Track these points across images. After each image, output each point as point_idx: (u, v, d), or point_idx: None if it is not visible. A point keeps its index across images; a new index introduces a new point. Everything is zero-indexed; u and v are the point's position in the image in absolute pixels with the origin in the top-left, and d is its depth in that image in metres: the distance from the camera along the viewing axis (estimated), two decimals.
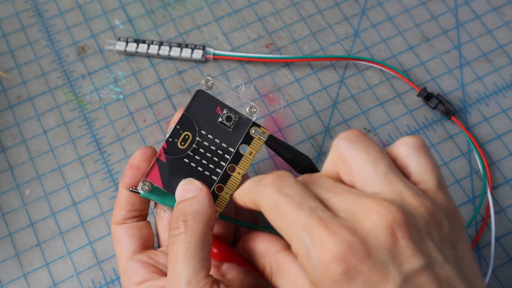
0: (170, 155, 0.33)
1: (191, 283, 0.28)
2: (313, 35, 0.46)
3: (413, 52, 0.46)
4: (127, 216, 0.34)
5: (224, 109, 0.34)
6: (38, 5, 0.47)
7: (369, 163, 0.27)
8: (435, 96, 0.43)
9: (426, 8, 0.47)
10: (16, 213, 0.40)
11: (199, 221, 0.30)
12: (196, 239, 0.29)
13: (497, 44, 0.46)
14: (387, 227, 0.24)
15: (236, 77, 0.45)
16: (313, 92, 0.44)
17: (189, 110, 0.34)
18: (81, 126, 0.43)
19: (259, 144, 0.34)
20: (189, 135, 0.33)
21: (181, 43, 0.45)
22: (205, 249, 0.29)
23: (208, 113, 0.34)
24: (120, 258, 0.34)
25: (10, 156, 0.42)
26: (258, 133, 0.34)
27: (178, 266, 0.29)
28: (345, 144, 0.28)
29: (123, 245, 0.34)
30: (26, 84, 0.44)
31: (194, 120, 0.34)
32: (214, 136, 0.33)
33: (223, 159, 0.33)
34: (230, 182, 0.33)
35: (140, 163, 0.34)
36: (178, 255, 0.29)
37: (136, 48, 0.45)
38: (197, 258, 0.29)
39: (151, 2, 0.47)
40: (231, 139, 0.34)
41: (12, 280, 0.38)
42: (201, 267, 0.29)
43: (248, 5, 0.47)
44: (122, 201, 0.34)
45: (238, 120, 0.34)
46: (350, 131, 0.28)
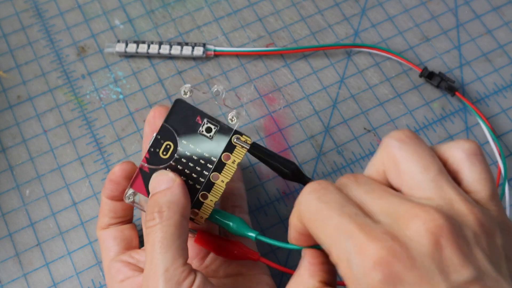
0: (153, 165, 0.33)
1: (169, 271, 0.29)
2: (313, 35, 0.46)
3: (413, 52, 0.46)
4: (110, 222, 0.36)
5: (204, 119, 0.33)
6: (38, 5, 0.47)
7: (419, 166, 0.26)
8: (437, 74, 0.44)
9: (426, 8, 0.47)
10: (16, 213, 0.40)
11: (174, 211, 0.31)
12: (172, 229, 0.30)
13: (497, 44, 0.46)
14: (430, 234, 0.23)
15: (236, 77, 0.45)
16: (313, 92, 0.44)
17: (168, 121, 0.33)
18: (81, 126, 0.43)
19: (242, 153, 0.33)
20: (170, 144, 0.33)
21: (181, 42, 0.45)
22: (181, 238, 0.30)
23: (189, 122, 0.33)
24: (105, 260, 0.35)
25: (10, 156, 0.42)
26: (240, 141, 0.33)
27: (155, 255, 0.29)
28: (396, 144, 0.27)
29: (107, 248, 0.36)
30: (26, 84, 0.44)
31: (174, 130, 0.33)
32: (195, 146, 0.33)
33: (206, 168, 0.33)
34: (214, 189, 0.33)
35: (120, 179, 0.35)
36: (155, 245, 0.29)
37: (136, 49, 0.45)
38: (174, 247, 0.30)
39: (151, 2, 0.47)
40: (213, 148, 0.33)
41: (12, 280, 0.38)
42: (178, 255, 0.29)
43: (248, 5, 0.47)
44: (105, 209, 0.36)
45: (219, 129, 0.33)
46: (401, 131, 0.28)
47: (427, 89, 0.44)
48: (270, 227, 0.40)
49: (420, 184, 0.26)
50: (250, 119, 0.43)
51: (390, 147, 0.27)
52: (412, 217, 0.24)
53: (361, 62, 0.45)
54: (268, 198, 0.41)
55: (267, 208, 0.40)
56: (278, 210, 0.40)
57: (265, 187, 0.41)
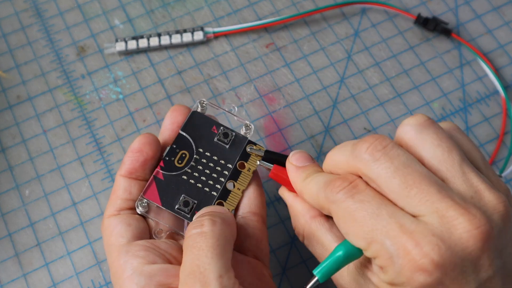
0: (168, 172, 0.33)
1: (223, 278, 0.26)
2: (313, 35, 0.46)
3: (413, 52, 0.46)
4: (122, 207, 0.32)
5: (221, 127, 0.34)
6: (37, 5, 0.47)
7: (443, 150, 0.26)
8: (431, 19, 0.45)
9: (426, 7, 0.47)
10: (16, 213, 0.40)
11: (227, 225, 0.29)
12: (223, 239, 0.28)
13: (498, 44, 0.46)
14: (477, 241, 0.24)
15: (236, 77, 0.44)
16: (313, 92, 0.44)
17: (185, 130, 0.34)
18: (81, 126, 0.43)
19: (256, 161, 0.34)
20: (186, 153, 0.33)
21: (178, 30, 0.45)
22: (229, 254, 0.28)
23: (204, 132, 0.34)
24: (113, 247, 0.31)
25: (10, 156, 0.42)
26: (254, 150, 0.34)
27: (205, 260, 0.27)
28: (414, 129, 0.27)
29: (119, 233, 0.31)
30: (26, 84, 0.44)
31: (191, 138, 0.34)
32: (211, 154, 0.34)
33: (222, 175, 0.33)
34: (230, 197, 0.33)
35: (142, 146, 0.32)
36: (203, 250, 0.27)
37: (137, 45, 0.44)
38: (226, 257, 0.27)
39: (150, 1, 0.47)
40: (228, 156, 0.34)
41: (11, 280, 0.38)
42: (229, 266, 0.27)
43: (248, 5, 0.47)
44: (119, 189, 0.32)
45: (234, 138, 0.34)
46: (417, 116, 0.27)
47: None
48: (270, 227, 0.40)
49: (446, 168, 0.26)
50: (250, 119, 0.43)
51: (407, 133, 0.27)
52: (457, 218, 0.24)
53: (360, 60, 0.45)
54: (268, 198, 0.41)
55: (267, 208, 0.40)
56: (278, 210, 0.40)
57: (265, 187, 0.41)
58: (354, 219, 0.26)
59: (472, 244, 0.24)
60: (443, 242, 0.23)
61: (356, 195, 0.26)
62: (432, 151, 0.26)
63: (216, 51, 0.45)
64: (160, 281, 0.28)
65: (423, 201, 0.25)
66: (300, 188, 0.30)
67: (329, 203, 0.27)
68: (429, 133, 0.26)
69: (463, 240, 0.24)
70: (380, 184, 0.26)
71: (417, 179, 0.25)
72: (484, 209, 0.25)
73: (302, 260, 0.39)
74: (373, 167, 0.26)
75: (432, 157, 0.26)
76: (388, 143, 0.26)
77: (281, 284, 0.38)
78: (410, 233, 0.24)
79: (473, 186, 0.25)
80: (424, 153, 0.26)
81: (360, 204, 0.25)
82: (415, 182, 0.25)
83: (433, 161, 0.26)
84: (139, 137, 0.33)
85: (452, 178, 0.26)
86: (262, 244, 0.32)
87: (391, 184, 0.25)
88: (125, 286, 0.29)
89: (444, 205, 0.24)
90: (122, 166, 0.33)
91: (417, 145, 0.27)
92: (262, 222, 0.33)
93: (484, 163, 0.28)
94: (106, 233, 0.31)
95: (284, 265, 0.39)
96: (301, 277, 0.38)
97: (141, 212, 0.32)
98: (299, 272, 0.39)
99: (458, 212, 0.24)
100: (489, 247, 0.24)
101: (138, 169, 0.32)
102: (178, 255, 0.30)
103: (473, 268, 0.24)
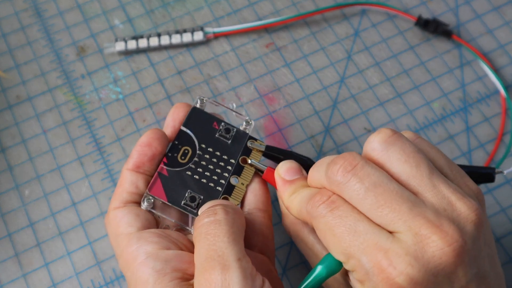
0: (172, 168, 0.33)
1: (242, 261, 0.26)
2: (313, 35, 0.46)
3: (414, 52, 0.46)
4: (128, 200, 0.32)
5: (222, 123, 0.34)
6: (37, 5, 0.47)
7: (410, 165, 0.26)
8: (432, 21, 0.45)
9: (426, 7, 0.47)
10: (16, 213, 0.40)
11: (239, 216, 0.29)
12: (237, 227, 0.28)
13: (498, 44, 0.46)
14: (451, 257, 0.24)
15: (236, 77, 0.44)
16: (313, 92, 0.44)
17: (187, 126, 0.34)
18: (81, 126, 0.43)
19: (258, 156, 0.34)
20: (188, 149, 0.34)
21: (178, 29, 0.45)
22: (243, 241, 0.28)
23: (205, 128, 0.34)
24: (123, 235, 0.30)
25: (10, 156, 0.42)
26: (256, 145, 0.34)
27: (221, 245, 0.27)
28: (380, 146, 0.27)
29: (127, 223, 0.30)
30: (26, 84, 0.44)
31: (193, 134, 0.34)
32: (214, 149, 0.34)
33: (226, 170, 0.33)
34: (235, 192, 0.33)
35: (152, 140, 0.32)
36: (219, 236, 0.27)
37: (137, 45, 0.44)
38: (241, 244, 0.27)
39: (150, 1, 0.47)
40: (230, 151, 0.34)
41: (11, 281, 0.38)
42: (244, 252, 0.27)
43: (248, 5, 0.47)
44: (125, 183, 0.32)
45: (236, 134, 0.34)
46: (381, 132, 0.27)
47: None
48: None
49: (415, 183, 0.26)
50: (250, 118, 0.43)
51: (374, 151, 0.27)
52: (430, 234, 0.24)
53: (361, 60, 0.45)
54: None
55: None
56: (278, 210, 0.40)
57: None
58: (333, 234, 0.26)
59: (445, 260, 0.24)
60: (417, 260, 0.24)
61: (335, 211, 0.26)
62: (401, 167, 0.26)
63: (216, 51, 0.45)
64: (176, 266, 0.28)
65: (396, 219, 0.25)
66: (286, 203, 0.31)
67: (311, 218, 0.27)
68: (395, 149, 0.27)
69: (436, 258, 0.24)
70: (354, 204, 0.26)
71: (388, 198, 0.25)
72: (457, 220, 0.25)
73: (302, 260, 0.39)
74: (344, 189, 0.26)
75: (401, 173, 0.26)
76: (358, 163, 0.26)
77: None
78: (385, 251, 0.24)
79: (445, 198, 0.26)
80: (393, 170, 0.27)
81: (339, 220, 0.26)
82: (386, 201, 0.25)
83: (402, 177, 0.26)
84: (148, 131, 0.33)
85: (424, 192, 0.26)
86: (268, 240, 0.32)
87: (364, 205, 0.26)
88: (139, 271, 0.28)
89: (416, 223, 0.25)
90: (129, 160, 0.32)
91: (385, 162, 0.27)
92: (268, 219, 0.33)
93: (450, 168, 0.28)
94: (113, 224, 0.31)
95: (284, 265, 0.39)
96: (301, 277, 0.38)
97: (146, 208, 0.32)
98: (299, 272, 0.39)
99: (431, 230, 0.24)
100: (463, 261, 0.24)
101: (146, 163, 0.32)
102: (189, 245, 0.30)
103: (448, 281, 0.24)
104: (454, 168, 0.28)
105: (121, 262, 0.30)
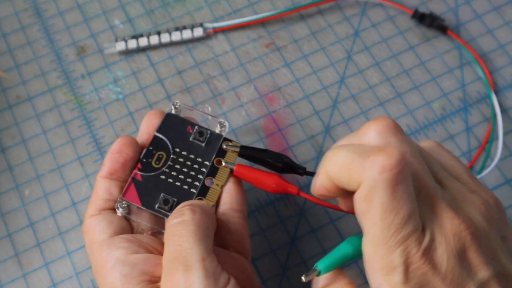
0: (146, 173, 0.33)
1: (206, 260, 0.27)
2: (313, 35, 0.46)
3: (414, 52, 0.46)
4: (103, 207, 0.32)
5: (195, 126, 0.35)
6: (37, 5, 0.47)
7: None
8: (428, 14, 0.45)
9: (427, 7, 0.47)
10: (16, 213, 0.40)
11: (207, 215, 0.30)
12: (204, 227, 0.28)
13: (498, 44, 0.46)
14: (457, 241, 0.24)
15: (236, 77, 0.44)
16: (313, 92, 0.44)
17: (160, 131, 0.34)
18: (81, 126, 0.43)
19: (233, 157, 0.34)
20: (162, 154, 0.34)
21: (178, 26, 0.45)
22: (210, 241, 0.28)
23: (180, 132, 0.35)
24: (96, 243, 0.31)
25: (10, 156, 0.42)
26: (230, 146, 0.34)
27: (185, 245, 0.27)
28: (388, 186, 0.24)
29: (100, 230, 0.31)
30: (26, 84, 0.44)
31: (167, 139, 0.34)
32: (188, 153, 0.34)
33: (200, 172, 0.34)
34: (209, 193, 0.33)
35: (122, 146, 0.33)
36: (184, 237, 0.27)
37: (137, 44, 0.44)
38: (207, 243, 0.28)
39: (150, 1, 0.47)
40: (205, 153, 0.34)
41: (11, 281, 0.38)
42: (211, 252, 0.28)
43: (248, 5, 0.47)
44: (99, 190, 0.32)
45: (210, 136, 0.35)
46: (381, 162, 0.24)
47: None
48: (270, 227, 0.40)
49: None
50: (250, 119, 0.43)
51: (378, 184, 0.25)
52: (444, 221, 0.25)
53: (361, 60, 0.45)
54: (268, 198, 0.41)
55: (267, 208, 0.40)
56: (278, 210, 0.40)
57: None
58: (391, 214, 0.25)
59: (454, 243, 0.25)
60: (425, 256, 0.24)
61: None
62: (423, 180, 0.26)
63: (216, 51, 0.45)
64: (144, 269, 0.29)
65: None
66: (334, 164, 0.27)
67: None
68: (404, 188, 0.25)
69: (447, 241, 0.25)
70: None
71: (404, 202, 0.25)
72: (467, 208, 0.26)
73: (302, 260, 0.39)
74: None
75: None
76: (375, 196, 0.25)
77: (281, 284, 0.38)
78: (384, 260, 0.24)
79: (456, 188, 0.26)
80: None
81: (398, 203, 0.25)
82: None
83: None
84: (118, 139, 0.34)
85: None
86: (243, 239, 0.33)
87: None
88: (108, 276, 0.29)
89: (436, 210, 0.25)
90: (102, 168, 0.33)
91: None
92: (243, 218, 0.33)
93: (469, 175, 0.28)
94: (88, 232, 0.32)
95: (284, 265, 0.39)
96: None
97: (121, 213, 0.32)
98: (299, 272, 0.38)
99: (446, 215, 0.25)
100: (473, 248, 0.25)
101: (119, 170, 0.33)
102: (160, 248, 0.31)
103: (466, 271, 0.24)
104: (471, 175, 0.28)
105: (94, 269, 0.31)
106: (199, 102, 0.43)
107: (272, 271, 0.37)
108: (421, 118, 0.43)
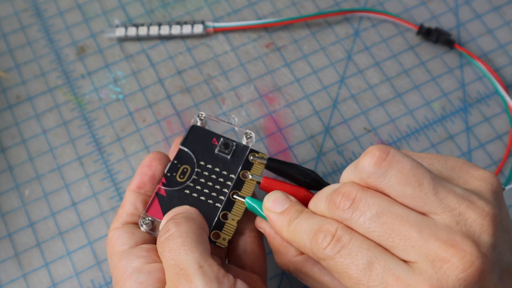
0: (170, 187, 0.33)
1: (203, 267, 0.27)
2: (313, 35, 0.46)
3: (414, 52, 0.46)
4: (127, 221, 0.33)
5: (221, 138, 0.34)
6: (37, 5, 0.47)
7: (412, 186, 0.25)
8: (434, 30, 0.45)
9: (426, 7, 0.47)
10: (16, 213, 0.40)
11: (192, 222, 0.30)
12: (192, 235, 0.28)
13: (498, 44, 0.46)
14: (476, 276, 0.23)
15: (236, 77, 0.44)
16: (313, 92, 0.44)
17: (185, 144, 0.34)
18: (81, 126, 0.43)
19: (260, 169, 0.34)
20: (187, 168, 0.33)
21: (179, 21, 0.45)
22: (204, 245, 0.28)
23: (205, 145, 0.34)
24: (116, 253, 0.31)
25: (10, 156, 0.42)
26: (257, 158, 0.34)
27: (178, 258, 0.27)
28: (377, 172, 0.25)
29: (122, 242, 0.32)
30: (26, 84, 0.44)
31: (192, 152, 0.34)
32: (213, 166, 0.33)
33: (225, 186, 0.33)
34: (235, 208, 0.33)
35: (152, 161, 0.33)
36: (176, 251, 0.28)
37: (137, 32, 0.45)
38: (200, 250, 0.28)
39: (150, 1, 0.47)
40: (230, 166, 0.33)
41: (11, 281, 0.38)
42: (208, 256, 0.28)
43: (248, 5, 0.47)
44: (127, 204, 0.33)
45: (236, 148, 0.34)
46: (373, 155, 0.26)
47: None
48: None
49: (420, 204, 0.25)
50: (250, 119, 0.43)
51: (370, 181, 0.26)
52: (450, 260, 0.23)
53: (361, 60, 0.45)
54: None
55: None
56: None
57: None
58: (348, 276, 0.25)
59: (470, 281, 0.23)
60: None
61: (343, 250, 0.25)
62: (402, 189, 0.25)
63: (216, 51, 0.45)
64: (160, 278, 0.29)
65: (409, 248, 0.24)
66: (286, 237, 0.29)
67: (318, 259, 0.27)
68: (393, 172, 0.25)
69: (461, 281, 0.23)
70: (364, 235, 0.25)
71: (395, 226, 0.24)
72: (472, 232, 0.24)
73: None
74: (350, 223, 0.26)
75: (405, 196, 0.25)
76: (355, 195, 0.26)
77: (281, 284, 0.38)
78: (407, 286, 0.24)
79: (455, 210, 0.25)
80: (395, 193, 0.25)
81: (350, 259, 0.25)
82: (394, 229, 0.24)
83: (407, 200, 0.25)
84: (150, 154, 0.34)
85: (432, 210, 0.25)
86: (260, 259, 0.33)
87: (373, 236, 0.25)
88: (126, 285, 0.29)
89: (430, 248, 0.24)
90: (132, 181, 0.34)
91: (384, 187, 0.26)
92: (259, 238, 0.33)
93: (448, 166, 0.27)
94: (110, 243, 0.32)
95: None
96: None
97: (145, 230, 0.32)
98: None
99: (448, 252, 0.23)
100: (487, 272, 0.24)
101: (147, 183, 0.33)
102: None
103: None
104: (452, 163, 0.27)
105: (114, 279, 0.31)
106: (199, 102, 0.43)
107: (271, 272, 0.37)
108: (421, 118, 0.43)
